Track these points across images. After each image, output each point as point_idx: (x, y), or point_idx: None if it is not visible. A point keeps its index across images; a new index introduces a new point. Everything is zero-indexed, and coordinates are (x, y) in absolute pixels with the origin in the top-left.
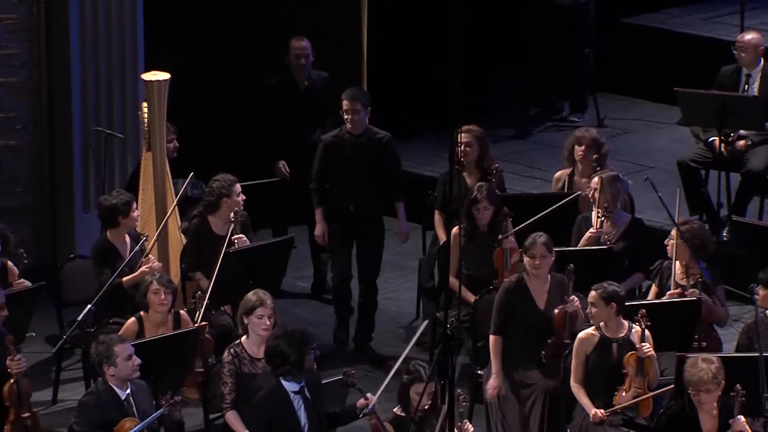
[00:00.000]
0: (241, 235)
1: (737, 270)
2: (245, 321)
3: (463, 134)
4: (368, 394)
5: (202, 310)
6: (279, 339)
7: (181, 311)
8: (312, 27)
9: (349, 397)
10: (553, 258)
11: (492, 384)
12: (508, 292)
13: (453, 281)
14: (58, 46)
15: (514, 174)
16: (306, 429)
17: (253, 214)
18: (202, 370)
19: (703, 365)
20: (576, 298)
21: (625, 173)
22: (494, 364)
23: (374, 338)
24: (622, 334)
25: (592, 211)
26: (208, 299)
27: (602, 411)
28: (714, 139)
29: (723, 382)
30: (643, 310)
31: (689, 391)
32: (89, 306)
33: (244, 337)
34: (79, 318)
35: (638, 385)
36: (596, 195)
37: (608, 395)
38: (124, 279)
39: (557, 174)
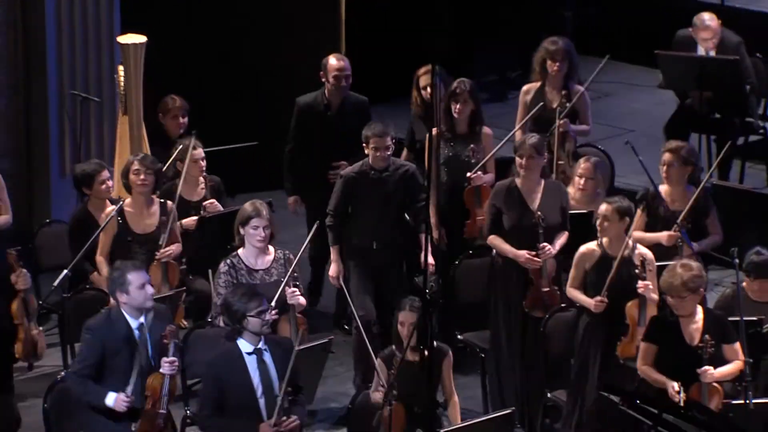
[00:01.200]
0: (212, 201)
1: None
2: (241, 232)
3: (423, 76)
4: None
5: (167, 234)
6: (229, 293)
7: (169, 201)
8: None
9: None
10: (544, 160)
11: (519, 256)
12: (496, 195)
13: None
14: (34, 9)
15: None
16: (259, 390)
17: (229, 178)
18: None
19: (678, 271)
20: (547, 245)
21: (605, 136)
22: (507, 250)
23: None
24: (625, 252)
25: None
26: (185, 263)
27: (599, 298)
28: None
29: (702, 289)
30: (642, 259)
31: (664, 296)
32: (65, 271)
33: (241, 249)
34: (55, 283)
35: (641, 334)
36: (588, 183)
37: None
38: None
39: (526, 87)
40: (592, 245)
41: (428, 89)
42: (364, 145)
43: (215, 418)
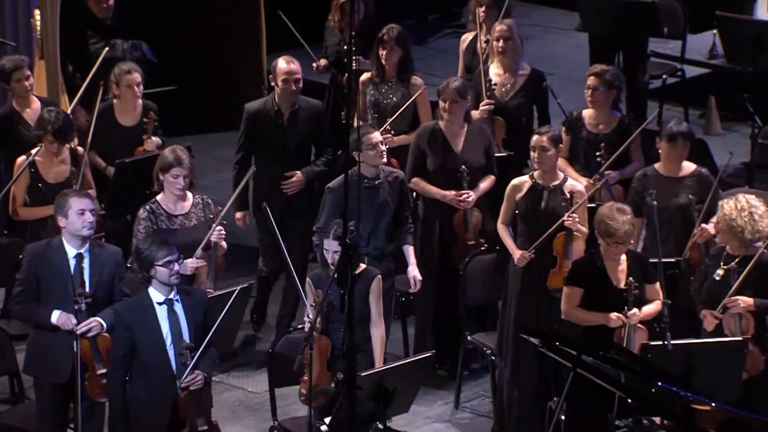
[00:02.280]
0: (155, 139)
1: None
2: (161, 178)
3: None
4: None
5: (81, 176)
6: (141, 239)
7: (80, 148)
8: None
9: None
10: (467, 103)
11: (446, 195)
12: (420, 137)
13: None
14: None
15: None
16: (168, 340)
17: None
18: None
19: (621, 218)
20: (471, 193)
21: None
22: (434, 191)
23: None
24: (556, 183)
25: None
26: (104, 209)
27: (524, 252)
28: None
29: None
30: (571, 192)
31: (599, 241)
32: None
33: (159, 195)
34: None
35: (568, 267)
36: (508, 44)
37: (536, 240)
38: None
39: (463, 36)
40: (523, 177)
41: None
42: (356, 153)
43: (122, 371)
